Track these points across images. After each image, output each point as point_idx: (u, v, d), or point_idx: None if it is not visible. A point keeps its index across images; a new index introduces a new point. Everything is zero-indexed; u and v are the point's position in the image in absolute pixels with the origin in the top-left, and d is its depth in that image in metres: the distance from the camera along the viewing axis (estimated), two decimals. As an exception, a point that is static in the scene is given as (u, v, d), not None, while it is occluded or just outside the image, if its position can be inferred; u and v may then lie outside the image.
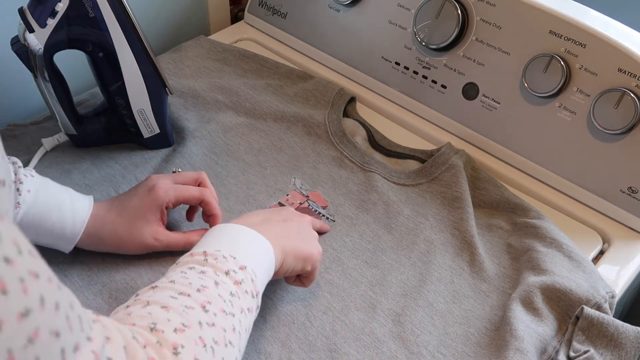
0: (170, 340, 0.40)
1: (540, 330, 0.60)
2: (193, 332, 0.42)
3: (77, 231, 0.60)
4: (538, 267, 0.66)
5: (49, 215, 0.59)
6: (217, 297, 0.46)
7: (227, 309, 0.47)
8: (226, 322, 0.46)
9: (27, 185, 0.58)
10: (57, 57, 0.68)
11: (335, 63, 0.92)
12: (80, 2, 0.65)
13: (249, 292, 0.50)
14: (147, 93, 0.73)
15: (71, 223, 0.60)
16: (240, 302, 0.48)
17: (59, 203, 0.59)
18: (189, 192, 0.65)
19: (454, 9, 0.78)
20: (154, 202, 0.63)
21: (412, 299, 0.64)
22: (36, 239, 0.59)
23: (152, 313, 0.43)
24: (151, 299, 0.45)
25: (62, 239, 0.60)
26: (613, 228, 0.73)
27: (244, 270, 0.50)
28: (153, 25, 0.98)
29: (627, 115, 0.69)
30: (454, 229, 0.71)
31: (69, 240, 0.61)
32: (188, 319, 0.43)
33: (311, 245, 0.60)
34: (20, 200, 0.57)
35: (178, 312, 0.43)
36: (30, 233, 0.58)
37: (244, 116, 0.84)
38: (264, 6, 0.99)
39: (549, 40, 0.73)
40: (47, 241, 0.61)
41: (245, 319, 0.49)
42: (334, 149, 0.80)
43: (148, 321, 0.42)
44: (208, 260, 0.49)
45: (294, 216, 0.62)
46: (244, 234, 0.54)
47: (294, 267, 0.58)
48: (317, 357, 0.58)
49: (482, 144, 0.81)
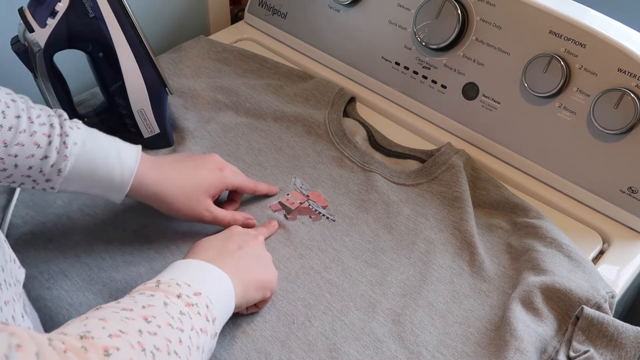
0: (101, 344, 0.38)
1: (540, 330, 0.61)
2: (131, 338, 0.40)
3: (126, 182, 0.60)
4: (538, 267, 0.66)
5: (96, 166, 0.58)
6: (163, 313, 0.45)
7: (174, 324, 0.44)
8: (171, 334, 0.44)
9: (73, 138, 0.57)
10: (57, 57, 0.68)
11: (335, 63, 0.92)
12: (80, 2, 0.65)
13: (202, 314, 0.48)
14: (147, 93, 0.73)
15: (119, 174, 0.59)
16: (191, 321, 0.46)
17: (105, 154, 0.59)
18: (248, 183, 0.70)
19: (454, 9, 0.78)
20: (220, 181, 0.66)
21: (412, 299, 0.64)
22: (86, 190, 0.60)
23: (87, 324, 0.41)
24: (91, 314, 0.43)
25: (112, 189, 0.60)
26: (613, 228, 0.73)
27: (198, 296, 0.49)
28: (153, 25, 0.98)
29: (627, 115, 0.69)
30: (454, 228, 0.71)
31: (119, 191, 0.60)
32: (126, 327, 0.41)
33: (269, 272, 0.61)
34: (67, 152, 0.56)
35: (116, 321, 0.41)
36: (80, 184, 0.59)
37: (244, 116, 0.84)
38: (264, 6, 0.99)
39: (549, 40, 0.73)
40: (97, 191, 0.60)
41: (197, 338, 0.46)
42: (334, 148, 0.80)
43: (81, 330, 0.40)
44: (160, 287, 0.48)
45: (248, 239, 0.62)
46: (202, 267, 0.54)
47: (255, 297, 0.58)
48: (317, 357, 0.58)
49: (482, 144, 0.81)
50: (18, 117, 0.55)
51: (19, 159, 0.55)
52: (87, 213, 0.70)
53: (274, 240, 0.69)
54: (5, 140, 0.54)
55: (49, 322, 0.60)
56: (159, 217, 0.70)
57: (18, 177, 0.56)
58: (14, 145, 0.54)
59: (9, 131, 0.54)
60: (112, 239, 0.68)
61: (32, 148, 0.55)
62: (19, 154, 0.55)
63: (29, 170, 0.56)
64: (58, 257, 0.65)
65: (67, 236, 0.67)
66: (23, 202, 0.70)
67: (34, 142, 0.55)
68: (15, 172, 0.55)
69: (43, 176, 0.56)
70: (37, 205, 0.70)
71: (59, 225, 0.68)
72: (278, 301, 0.63)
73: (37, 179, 0.57)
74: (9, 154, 0.54)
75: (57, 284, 0.63)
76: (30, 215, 0.69)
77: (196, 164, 0.66)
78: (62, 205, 0.71)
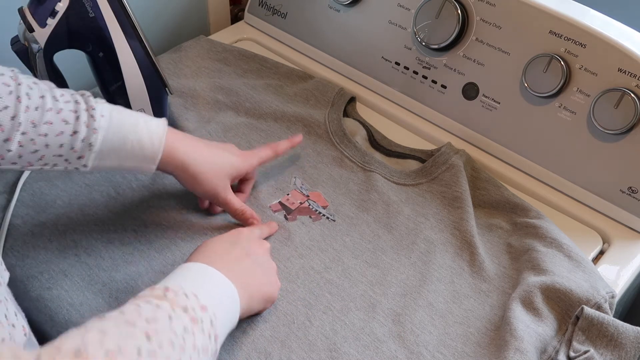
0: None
1: (540, 330, 0.61)
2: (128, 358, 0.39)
3: (157, 148, 0.60)
4: (538, 267, 0.66)
5: (126, 137, 0.59)
6: (167, 329, 0.43)
7: (176, 342, 0.43)
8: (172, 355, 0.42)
9: (99, 111, 0.57)
10: (57, 57, 0.68)
11: (335, 63, 0.92)
12: (80, 2, 0.65)
13: (206, 332, 0.47)
14: (147, 93, 0.73)
15: (149, 141, 0.60)
16: (194, 339, 0.45)
17: (133, 123, 0.59)
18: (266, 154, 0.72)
19: (454, 9, 0.78)
20: (245, 164, 0.69)
21: (412, 299, 0.64)
22: (119, 163, 0.60)
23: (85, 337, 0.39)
24: (92, 324, 0.41)
25: (144, 159, 0.60)
26: (613, 228, 0.73)
27: (204, 311, 0.48)
28: (153, 25, 0.98)
29: (627, 115, 0.69)
30: (454, 228, 0.72)
31: (151, 160, 0.60)
32: (126, 344, 0.40)
33: (273, 284, 0.61)
34: (96, 125, 0.57)
35: (116, 336, 0.40)
36: (112, 158, 0.59)
37: (244, 116, 0.84)
38: (264, 6, 0.99)
39: (549, 40, 0.73)
40: (130, 163, 0.60)
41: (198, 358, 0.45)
42: (334, 148, 0.80)
43: (77, 344, 0.38)
44: (167, 296, 0.47)
45: (255, 246, 0.61)
46: (210, 275, 0.53)
47: (257, 309, 0.59)
48: (317, 357, 0.58)
49: (482, 144, 0.81)
50: (42, 97, 0.55)
51: (49, 138, 0.55)
52: (87, 213, 0.70)
53: (274, 240, 0.69)
54: (34, 121, 0.54)
55: (49, 322, 0.60)
56: (159, 217, 0.70)
57: (50, 157, 0.56)
58: (43, 124, 0.54)
59: (36, 111, 0.54)
60: (112, 239, 0.67)
61: (61, 125, 0.55)
62: (48, 132, 0.55)
63: (60, 149, 0.56)
64: (58, 257, 0.65)
65: (67, 236, 0.67)
66: (23, 202, 0.70)
67: (62, 119, 0.55)
68: (47, 153, 0.56)
69: (75, 153, 0.57)
70: (37, 205, 0.70)
71: (59, 225, 0.68)
72: (278, 301, 0.63)
73: (69, 158, 0.57)
74: (39, 134, 0.54)
75: (57, 284, 0.63)
76: (30, 215, 0.69)
77: (224, 148, 0.69)
78: (62, 205, 0.71)
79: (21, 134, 0.53)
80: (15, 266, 0.64)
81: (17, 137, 0.53)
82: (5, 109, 0.52)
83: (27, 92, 0.54)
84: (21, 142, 0.54)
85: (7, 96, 0.53)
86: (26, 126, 0.54)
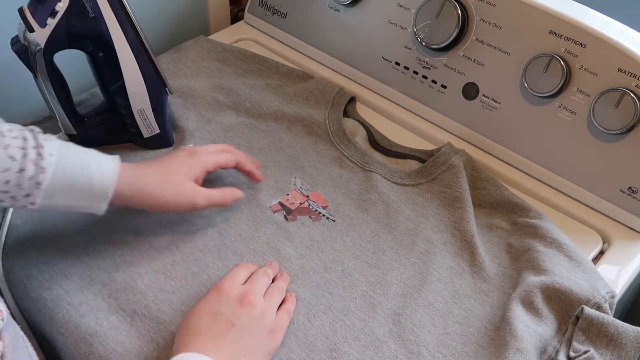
0: None
1: (540, 330, 0.61)
2: None
3: (107, 188, 0.58)
4: (538, 267, 0.66)
5: (75, 176, 0.57)
6: None
7: None
8: None
9: (48, 149, 0.56)
10: (57, 57, 0.68)
11: (335, 63, 0.92)
12: (80, 2, 0.65)
13: None
14: (147, 93, 0.73)
15: (99, 180, 0.58)
16: None
17: (83, 162, 0.58)
18: (226, 157, 0.70)
19: (454, 9, 0.78)
20: (197, 164, 0.66)
21: (412, 299, 0.64)
22: (69, 204, 0.58)
23: None
24: None
25: (94, 198, 0.59)
26: (613, 228, 0.73)
27: None
28: (153, 25, 0.98)
29: (627, 115, 0.69)
30: (454, 228, 0.72)
31: (101, 199, 0.59)
32: None
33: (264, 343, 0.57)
34: (44, 164, 0.55)
35: None
36: (62, 197, 0.57)
37: (244, 116, 0.84)
38: (264, 6, 0.99)
39: (549, 40, 0.73)
40: (80, 203, 0.58)
41: None
42: (334, 148, 0.80)
43: None
44: None
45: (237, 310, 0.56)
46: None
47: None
48: (317, 357, 0.58)
49: (482, 144, 0.81)
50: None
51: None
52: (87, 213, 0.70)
53: (274, 240, 0.69)
54: None
55: (49, 322, 0.60)
56: (159, 217, 0.70)
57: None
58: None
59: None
60: (112, 239, 0.67)
61: (7, 161, 0.53)
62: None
63: (6, 185, 0.54)
64: (58, 257, 0.65)
65: (67, 236, 0.67)
66: (23, 202, 0.70)
67: (8, 155, 0.53)
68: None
69: (21, 190, 0.55)
70: (37, 205, 0.70)
71: (59, 225, 0.68)
72: (278, 301, 0.63)
73: (15, 195, 0.55)
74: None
75: (57, 284, 0.63)
76: (30, 215, 0.69)
77: (166, 159, 0.66)
78: (62, 205, 0.71)
79: None
80: (15, 266, 0.64)
81: None
82: None
83: None
84: None
85: None
86: None
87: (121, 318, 0.60)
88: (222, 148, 0.71)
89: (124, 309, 0.61)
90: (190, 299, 0.62)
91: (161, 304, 0.62)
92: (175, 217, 0.70)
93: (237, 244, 0.68)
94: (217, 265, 0.66)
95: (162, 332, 0.59)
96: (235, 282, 0.59)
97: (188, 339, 0.54)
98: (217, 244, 0.68)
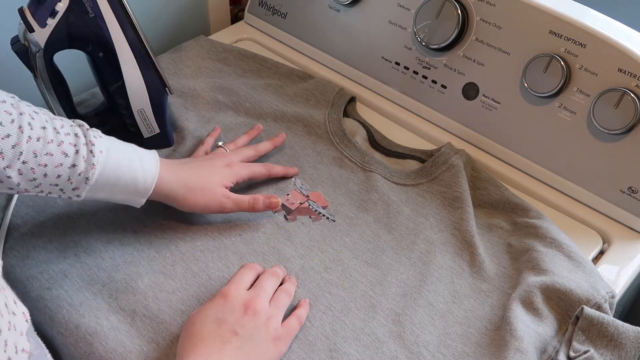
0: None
1: (540, 330, 0.61)
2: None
3: (149, 186, 0.62)
4: (538, 267, 0.66)
5: (121, 173, 0.60)
6: None
7: None
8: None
9: (98, 146, 0.59)
10: (57, 57, 0.68)
11: (335, 63, 0.92)
12: (80, 2, 0.65)
13: None
14: (147, 93, 0.73)
15: (142, 179, 0.62)
16: None
17: (129, 160, 0.61)
18: (258, 170, 0.73)
19: (454, 9, 0.78)
20: (231, 177, 0.69)
21: (412, 299, 0.64)
22: (111, 196, 0.62)
23: None
24: None
25: (136, 194, 0.62)
26: (613, 228, 0.73)
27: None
28: (153, 25, 0.98)
29: (627, 115, 0.69)
30: (454, 229, 0.71)
31: (142, 195, 0.63)
32: None
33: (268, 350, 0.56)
34: (95, 161, 0.58)
35: None
36: (105, 192, 0.61)
37: (244, 116, 0.84)
38: (264, 6, 0.99)
39: (549, 40, 0.73)
40: (122, 197, 0.62)
41: None
42: (334, 148, 0.80)
43: None
44: None
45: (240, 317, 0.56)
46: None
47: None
48: (317, 357, 0.58)
49: (482, 144, 0.81)
50: (44, 128, 0.56)
51: (48, 168, 0.56)
52: (87, 213, 0.70)
53: (274, 240, 0.69)
54: (35, 151, 0.55)
55: (49, 322, 0.60)
56: (159, 217, 0.70)
57: (46, 186, 0.57)
58: (44, 155, 0.55)
59: (38, 142, 0.55)
60: (112, 239, 0.68)
61: (61, 157, 0.56)
62: (48, 163, 0.56)
63: (58, 179, 0.57)
64: (58, 257, 0.65)
65: (67, 236, 0.67)
66: (23, 202, 0.70)
67: (62, 152, 0.56)
68: (45, 182, 0.57)
69: (70, 184, 0.58)
70: (37, 205, 0.70)
71: (59, 225, 0.68)
72: (278, 301, 0.63)
73: (64, 188, 0.58)
74: (39, 164, 0.55)
75: (57, 284, 0.63)
76: (30, 215, 0.69)
77: (204, 162, 0.70)
78: (62, 205, 0.71)
79: (22, 162, 0.54)
80: (15, 266, 0.64)
81: (18, 165, 0.54)
82: (8, 137, 0.53)
83: (29, 121, 0.55)
84: (21, 170, 0.55)
85: (9, 124, 0.53)
86: (27, 155, 0.55)
87: (121, 318, 0.60)
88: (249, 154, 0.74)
89: (124, 309, 0.61)
90: (190, 299, 0.62)
91: (161, 304, 0.62)
92: (175, 218, 0.70)
93: (237, 244, 0.68)
94: (217, 265, 0.66)
95: (162, 332, 0.59)
96: (241, 288, 0.59)
97: (192, 346, 0.54)
98: (217, 244, 0.68)
